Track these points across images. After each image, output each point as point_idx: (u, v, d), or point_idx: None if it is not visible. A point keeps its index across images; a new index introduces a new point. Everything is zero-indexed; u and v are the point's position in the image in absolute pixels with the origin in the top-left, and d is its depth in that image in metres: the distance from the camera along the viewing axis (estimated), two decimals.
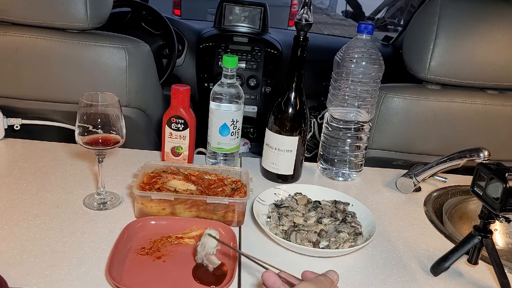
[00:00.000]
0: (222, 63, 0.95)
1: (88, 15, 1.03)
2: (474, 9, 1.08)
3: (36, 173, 0.91)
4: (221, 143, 0.98)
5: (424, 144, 1.14)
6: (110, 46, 1.07)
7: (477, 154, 0.87)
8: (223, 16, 2.06)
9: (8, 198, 0.81)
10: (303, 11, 0.90)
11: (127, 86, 1.10)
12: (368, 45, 0.96)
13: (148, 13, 1.79)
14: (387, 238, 0.83)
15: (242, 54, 1.95)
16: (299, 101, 0.94)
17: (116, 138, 0.78)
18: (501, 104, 1.12)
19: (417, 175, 0.98)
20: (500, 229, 0.97)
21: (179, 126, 0.93)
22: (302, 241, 0.75)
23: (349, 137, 1.01)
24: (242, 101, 0.97)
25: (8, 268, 0.64)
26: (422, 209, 0.95)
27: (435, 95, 1.11)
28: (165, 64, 1.83)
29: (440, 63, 1.07)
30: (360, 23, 0.97)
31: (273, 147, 0.96)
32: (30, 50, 1.05)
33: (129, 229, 0.73)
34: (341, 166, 1.03)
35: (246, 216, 0.82)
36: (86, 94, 0.76)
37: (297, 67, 0.92)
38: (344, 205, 0.85)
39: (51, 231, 0.73)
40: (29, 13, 1.03)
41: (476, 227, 0.71)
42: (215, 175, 0.88)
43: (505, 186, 0.63)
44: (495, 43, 1.08)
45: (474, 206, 0.99)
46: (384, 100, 1.11)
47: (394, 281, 0.71)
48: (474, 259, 0.72)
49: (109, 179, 0.92)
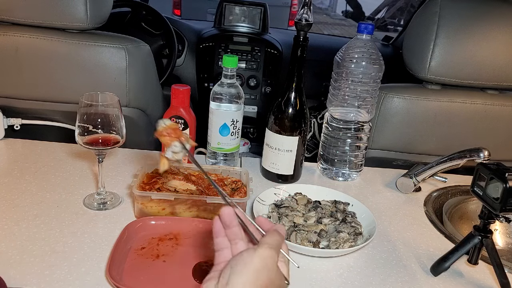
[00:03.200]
0: (222, 63, 0.95)
1: (88, 15, 1.03)
2: (474, 9, 1.08)
3: (36, 173, 0.91)
4: (221, 143, 0.98)
5: (424, 144, 1.14)
6: (110, 46, 1.07)
7: (477, 154, 0.87)
8: (223, 16, 2.06)
9: (8, 198, 0.81)
10: (303, 11, 0.90)
11: (127, 86, 1.10)
12: (368, 45, 0.96)
13: (148, 13, 1.79)
14: (387, 238, 0.83)
15: (242, 54, 1.95)
16: (299, 101, 0.94)
17: (116, 138, 0.78)
18: (501, 104, 1.12)
19: (417, 175, 0.98)
20: (500, 229, 0.97)
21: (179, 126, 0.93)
22: (302, 241, 0.75)
23: (349, 137, 1.01)
24: (242, 101, 0.97)
25: (8, 268, 0.64)
26: (422, 209, 0.95)
27: (435, 95, 1.11)
28: (165, 64, 1.82)
29: (440, 63, 1.07)
30: (360, 23, 0.97)
31: (273, 147, 0.96)
32: (30, 50, 1.05)
33: (129, 229, 0.73)
34: (341, 166, 1.03)
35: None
36: (86, 94, 0.76)
37: (297, 67, 0.92)
38: (344, 205, 0.85)
39: (51, 231, 0.73)
40: (29, 13, 1.03)
41: (476, 227, 0.71)
42: (215, 175, 0.88)
43: (505, 186, 0.63)
44: (495, 43, 1.08)
45: (474, 206, 0.99)
46: (384, 100, 1.11)
47: (394, 281, 0.71)
48: (474, 259, 0.72)
49: (109, 179, 0.92)
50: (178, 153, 0.61)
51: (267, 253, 0.46)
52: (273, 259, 0.46)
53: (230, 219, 0.50)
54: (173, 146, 0.61)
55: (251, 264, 0.45)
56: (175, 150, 0.61)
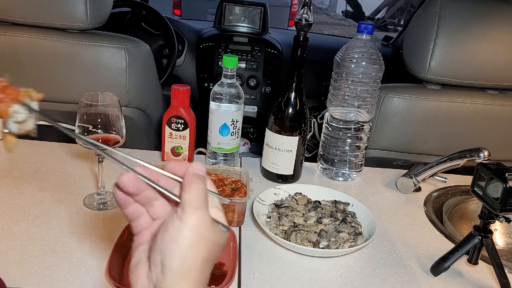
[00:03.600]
0: (222, 63, 0.95)
1: (88, 15, 1.03)
2: (474, 9, 1.08)
3: (36, 173, 0.91)
4: (221, 143, 0.98)
5: (424, 144, 1.14)
6: (110, 46, 1.07)
7: (477, 154, 0.87)
8: (223, 16, 2.06)
9: (8, 198, 0.81)
10: (303, 11, 0.90)
11: (127, 86, 1.10)
12: (368, 45, 0.96)
13: (148, 13, 1.79)
14: (387, 238, 0.83)
15: (242, 54, 1.95)
16: (299, 101, 0.94)
17: (116, 138, 0.78)
18: (501, 104, 1.12)
19: (417, 175, 0.98)
20: (500, 229, 0.97)
21: (179, 126, 0.93)
22: (302, 241, 0.75)
23: (349, 137, 1.01)
24: (242, 101, 0.97)
25: (8, 268, 0.64)
26: (422, 209, 0.95)
27: (435, 95, 1.11)
28: (165, 64, 1.83)
29: (440, 63, 1.07)
30: (360, 23, 0.97)
31: (273, 147, 0.96)
32: (30, 50, 1.05)
33: (129, 229, 0.72)
34: (341, 166, 1.03)
35: (246, 216, 0.82)
36: (86, 94, 0.76)
37: (297, 67, 0.92)
38: (344, 205, 0.85)
39: (51, 231, 0.73)
40: (29, 13, 1.03)
41: (476, 227, 0.71)
42: (215, 175, 0.88)
43: (505, 186, 0.63)
44: (495, 43, 1.08)
45: (474, 206, 0.99)
46: (384, 100, 1.11)
47: (394, 281, 0.71)
48: (474, 259, 0.72)
49: (109, 179, 0.92)
50: (26, 121, 0.43)
51: (195, 219, 0.37)
52: (205, 221, 0.38)
53: (135, 185, 0.40)
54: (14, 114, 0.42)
55: (183, 241, 0.36)
56: (18, 118, 0.43)
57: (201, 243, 0.37)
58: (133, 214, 0.42)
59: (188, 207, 0.37)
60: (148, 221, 0.42)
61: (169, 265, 0.36)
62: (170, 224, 0.37)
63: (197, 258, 0.37)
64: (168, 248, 0.37)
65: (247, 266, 0.70)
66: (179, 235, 0.36)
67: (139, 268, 0.40)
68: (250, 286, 0.66)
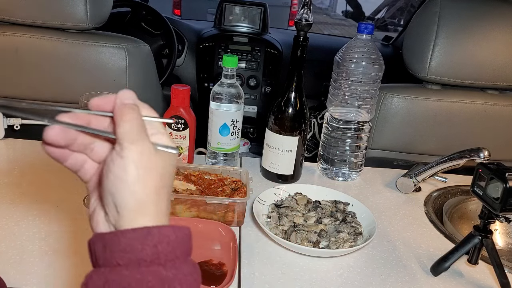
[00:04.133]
0: (222, 63, 0.95)
1: (88, 15, 1.03)
2: (474, 9, 1.08)
3: (36, 173, 0.91)
4: (221, 143, 0.98)
5: (424, 144, 1.14)
6: (110, 46, 1.07)
7: (477, 154, 0.87)
8: (223, 16, 2.06)
9: (8, 198, 0.81)
10: (303, 11, 0.90)
11: (127, 86, 1.10)
12: (368, 45, 0.96)
13: (148, 13, 1.79)
14: (387, 238, 0.83)
15: (242, 54, 1.95)
16: (299, 101, 0.94)
17: None
18: (501, 104, 1.12)
19: (417, 175, 0.98)
20: (500, 229, 0.97)
21: (179, 126, 0.93)
22: (302, 241, 0.75)
23: (349, 137, 1.01)
24: (242, 101, 0.97)
25: (8, 268, 0.64)
26: (422, 209, 0.95)
27: (435, 95, 1.11)
28: (165, 64, 1.83)
29: (440, 63, 1.07)
30: (360, 23, 0.97)
31: (273, 147, 0.96)
32: (30, 50, 1.05)
33: None
34: (341, 166, 1.03)
35: (246, 216, 0.82)
36: (86, 94, 0.76)
37: (297, 67, 0.92)
38: (344, 205, 0.85)
39: (51, 231, 0.73)
40: (29, 13, 1.03)
41: (476, 227, 0.71)
42: (215, 175, 0.88)
43: (505, 186, 0.63)
44: (495, 43, 1.08)
45: (474, 206, 0.99)
46: (384, 100, 1.11)
47: (394, 281, 0.71)
48: (474, 259, 0.72)
49: None
50: None
51: (135, 152, 0.36)
52: (147, 151, 0.36)
53: (64, 137, 0.38)
54: None
55: (128, 177, 0.35)
56: None
57: (149, 174, 0.36)
58: (75, 165, 0.41)
59: (125, 141, 0.36)
60: (93, 166, 0.42)
61: (121, 204, 0.36)
62: (112, 163, 0.36)
63: (148, 190, 0.36)
64: (116, 187, 0.36)
65: (247, 266, 0.70)
66: (123, 172, 0.35)
67: (96, 214, 0.39)
68: (250, 286, 0.66)
